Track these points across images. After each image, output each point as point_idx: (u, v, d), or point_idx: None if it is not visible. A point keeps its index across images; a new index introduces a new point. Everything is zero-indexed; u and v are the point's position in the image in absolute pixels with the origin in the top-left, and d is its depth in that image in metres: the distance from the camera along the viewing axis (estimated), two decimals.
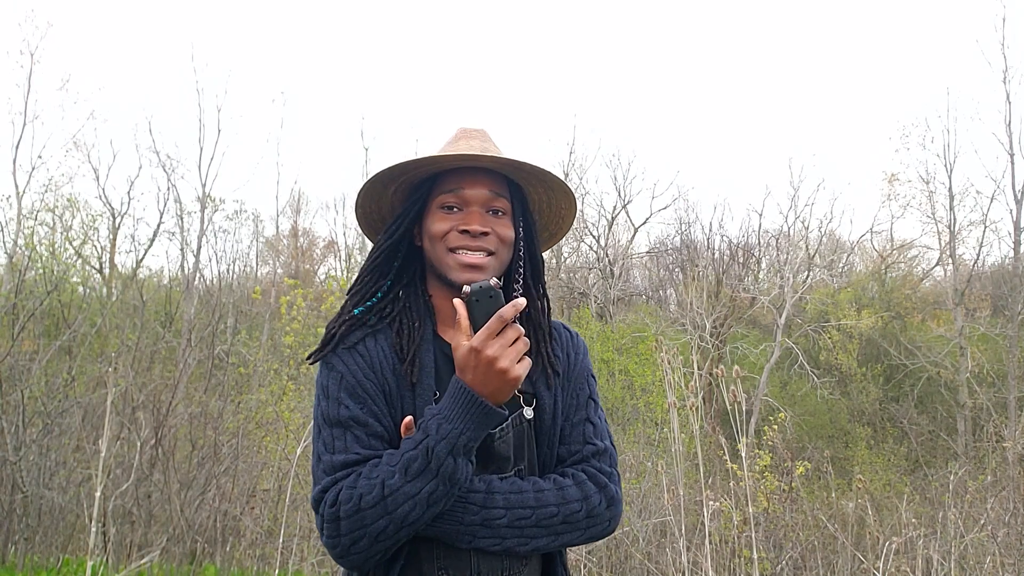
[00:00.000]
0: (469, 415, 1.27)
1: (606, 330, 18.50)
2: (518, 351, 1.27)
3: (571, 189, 1.52)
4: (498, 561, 1.37)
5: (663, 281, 26.79)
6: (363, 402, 1.35)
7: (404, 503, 1.25)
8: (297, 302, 11.60)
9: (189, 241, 20.73)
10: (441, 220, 1.42)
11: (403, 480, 1.26)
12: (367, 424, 1.34)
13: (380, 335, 1.41)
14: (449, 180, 1.43)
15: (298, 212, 28.11)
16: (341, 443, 1.33)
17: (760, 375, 19.75)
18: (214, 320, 9.54)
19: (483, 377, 1.26)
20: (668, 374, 3.84)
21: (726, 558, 5.27)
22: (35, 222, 18.14)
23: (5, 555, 6.06)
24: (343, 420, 1.34)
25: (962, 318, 19.90)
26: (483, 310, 1.27)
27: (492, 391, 1.27)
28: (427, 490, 1.26)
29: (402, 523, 1.26)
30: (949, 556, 5.43)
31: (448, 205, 1.43)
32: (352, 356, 1.38)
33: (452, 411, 1.27)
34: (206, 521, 6.32)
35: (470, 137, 1.48)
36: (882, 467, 15.48)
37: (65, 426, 6.85)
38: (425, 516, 1.28)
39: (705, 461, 9.98)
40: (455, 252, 1.40)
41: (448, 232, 1.41)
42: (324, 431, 1.35)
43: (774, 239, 23.49)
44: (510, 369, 1.25)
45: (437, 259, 1.43)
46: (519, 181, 1.50)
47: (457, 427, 1.26)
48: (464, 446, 1.27)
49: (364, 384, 1.36)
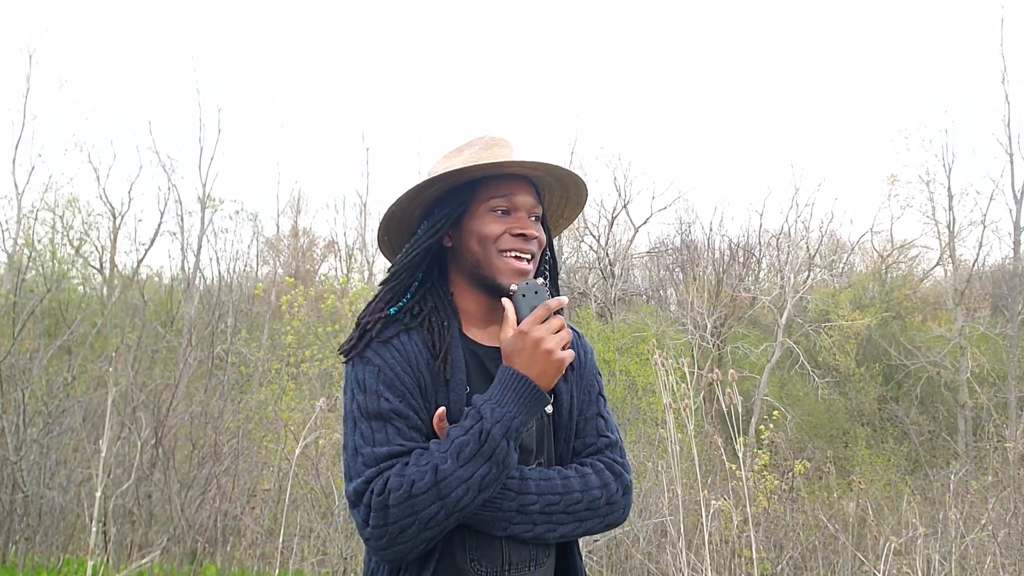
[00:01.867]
0: (521, 398, 1.31)
1: (606, 330, 18.48)
2: (562, 338, 1.34)
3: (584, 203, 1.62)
4: (527, 551, 1.42)
5: (663, 281, 26.79)
6: (402, 395, 1.37)
7: (458, 487, 1.28)
8: (298, 300, 11.61)
9: (189, 241, 20.76)
10: (493, 222, 1.46)
11: (456, 465, 1.27)
12: (408, 417, 1.35)
13: (413, 331, 1.44)
14: (499, 186, 1.48)
15: (298, 212, 28.14)
16: (382, 435, 1.34)
17: (761, 375, 19.74)
18: (214, 320, 9.54)
19: (529, 359, 1.32)
20: (662, 375, 3.84)
21: (726, 558, 5.27)
22: (34, 220, 18.16)
23: (6, 555, 6.06)
24: (384, 412, 1.35)
25: (962, 318, 19.90)
26: (529, 304, 1.36)
27: (538, 372, 1.32)
28: (480, 473, 1.28)
29: (454, 508, 1.28)
30: (950, 556, 5.43)
31: (501, 209, 1.47)
32: (388, 350, 1.40)
33: (504, 395, 1.32)
34: (206, 521, 6.32)
35: (503, 145, 1.53)
36: (882, 467, 15.47)
37: (65, 426, 6.85)
38: (476, 501, 1.30)
39: (705, 461, 9.99)
40: (505, 254, 1.45)
41: (502, 234, 1.45)
42: (362, 424, 1.35)
43: (775, 239, 23.49)
44: (555, 351, 1.32)
45: (486, 260, 1.46)
46: (543, 189, 1.57)
47: (511, 410, 1.30)
48: (516, 429, 1.31)
49: (402, 377, 1.38)
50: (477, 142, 1.55)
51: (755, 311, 22.58)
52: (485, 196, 1.48)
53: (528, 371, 1.32)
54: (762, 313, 22.78)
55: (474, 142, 1.55)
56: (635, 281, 26.95)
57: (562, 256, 24.52)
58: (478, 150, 1.52)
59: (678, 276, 25.33)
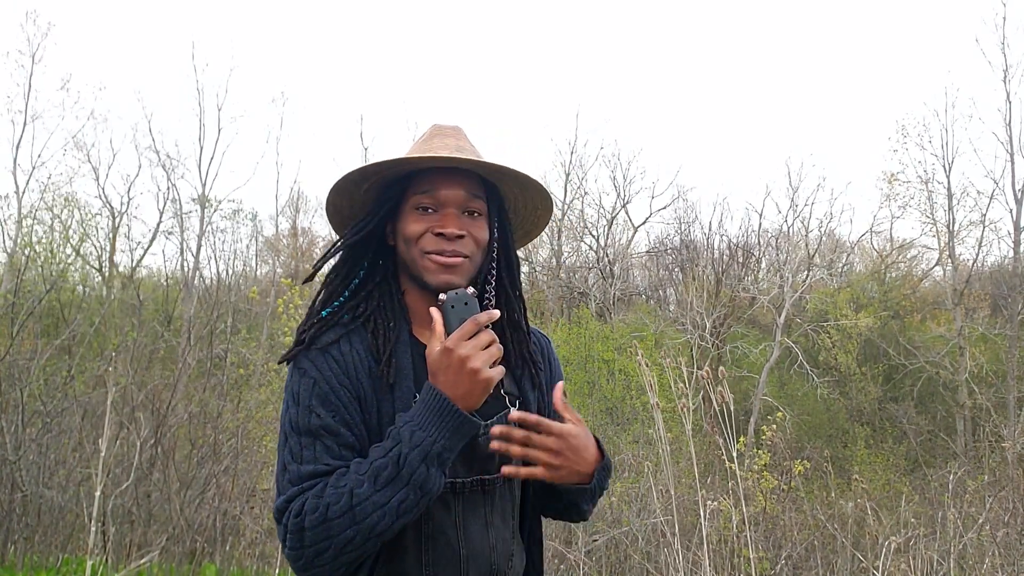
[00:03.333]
0: (443, 422, 1.23)
1: (606, 330, 18.49)
2: (491, 355, 1.25)
3: (547, 190, 1.47)
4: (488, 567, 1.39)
5: (663, 281, 26.80)
6: (336, 410, 1.29)
7: (373, 512, 1.20)
8: (295, 301, 11.60)
9: (188, 241, 20.76)
10: (416, 221, 1.37)
11: (372, 489, 1.21)
12: (338, 434, 1.28)
13: (355, 336, 1.35)
14: (424, 180, 1.39)
15: (297, 212, 28.13)
16: (310, 452, 1.27)
17: (760, 375, 19.76)
18: (212, 319, 9.54)
19: (455, 378, 1.23)
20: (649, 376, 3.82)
21: (725, 558, 5.27)
22: (33, 220, 18.16)
23: (5, 555, 6.05)
24: (313, 429, 1.27)
25: (961, 318, 19.92)
26: (458, 317, 1.26)
27: (464, 393, 1.24)
28: (397, 499, 1.21)
29: (370, 533, 1.21)
30: (948, 556, 5.43)
31: (423, 206, 1.38)
32: (326, 360, 1.31)
33: (425, 418, 1.23)
34: (206, 520, 6.32)
35: (444, 135, 1.44)
36: (881, 467, 15.48)
37: (64, 425, 6.86)
38: (395, 526, 1.23)
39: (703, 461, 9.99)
40: (428, 256, 1.35)
41: (423, 234, 1.36)
42: (292, 439, 1.28)
43: (774, 239, 23.52)
44: (481, 370, 1.23)
45: (411, 261, 1.38)
46: (495, 181, 1.46)
47: (431, 435, 1.23)
48: (439, 455, 1.23)
49: (338, 391, 1.30)
50: (426, 133, 1.47)
51: (754, 311, 22.59)
52: (411, 192, 1.39)
53: (453, 391, 1.24)
54: (761, 313, 22.80)
55: (425, 133, 1.48)
56: (634, 281, 26.96)
57: (562, 256, 24.51)
58: (419, 142, 1.45)
59: (677, 276, 25.34)
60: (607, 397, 14.79)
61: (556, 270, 23.81)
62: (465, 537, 1.36)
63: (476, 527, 1.38)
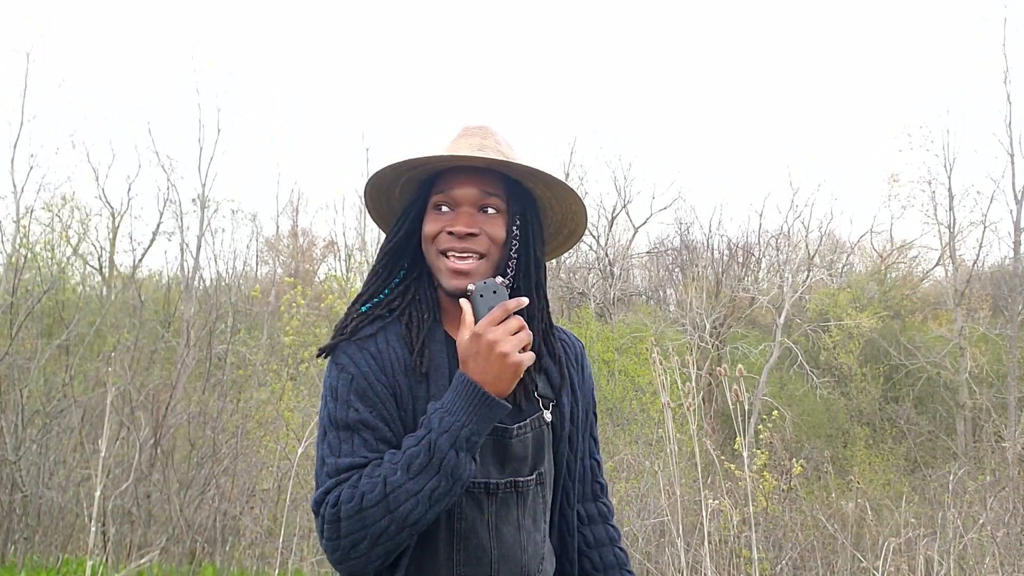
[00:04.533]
0: (471, 406, 1.24)
1: (606, 330, 18.50)
2: (520, 340, 1.25)
3: (568, 184, 1.45)
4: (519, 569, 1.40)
5: (663, 281, 26.80)
6: (373, 405, 1.31)
7: (406, 500, 1.22)
8: (297, 300, 11.60)
9: (188, 241, 20.76)
10: (433, 221, 1.39)
11: (406, 477, 1.22)
12: (376, 428, 1.30)
13: (391, 330, 1.38)
14: (441, 180, 1.40)
15: (298, 212, 28.15)
16: (348, 446, 1.29)
17: (759, 375, 19.76)
18: (212, 320, 9.54)
19: (484, 363, 1.24)
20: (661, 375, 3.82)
21: (725, 558, 5.27)
22: (31, 219, 18.15)
23: (5, 555, 6.05)
24: (352, 423, 1.30)
25: (962, 318, 19.91)
26: (487, 305, 1.27)
27: (493, 378, 1.24)
28: (429, 486, 1.22)
29: (404, 522, 1.22)
30: (948, 556, 5.43)
31: (439, 205, 1.40)
32: (364, 356, 1.34)
33: (454, 404, 1.25)
34: (206, 521, 6.32)
35: (470, 135, 1.44)
36: (881, 467, 15.48)
37: (64, 425, 6.86)
38: (428, 515, 1.24)
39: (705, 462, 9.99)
40: (445, 256, 1.36)
41: (438, 233, 1.38)
42: (331, 434, 1.31)
43: (774, 239, 23.52)
44: (511, 354, 1.24)
45: (430, 262, 1.41)
46: (519, 179, 1.44)
47: (460, 419, 1.24)
48: (467, 439, 1.24)
49: (375, 387, 1.32)
50: (458, 134, 1.47)
51: (754, 311, 22.60)
52: (432, 192, 1.41)
53: (482, 376, 1.25)
54: (761, 313, 22.80)
55: (458, 134, 1.47)
56: (635, 281, 26.97)
57: (562, 257, 24.52)
58: (449, 143, 1.46)
59: (677, 276, 25.34)
60: (607, 397, 14.78)
61: (556, 270, 23.81)
62: (497, 538, 1.37)
63: (508, 529, 1.38)
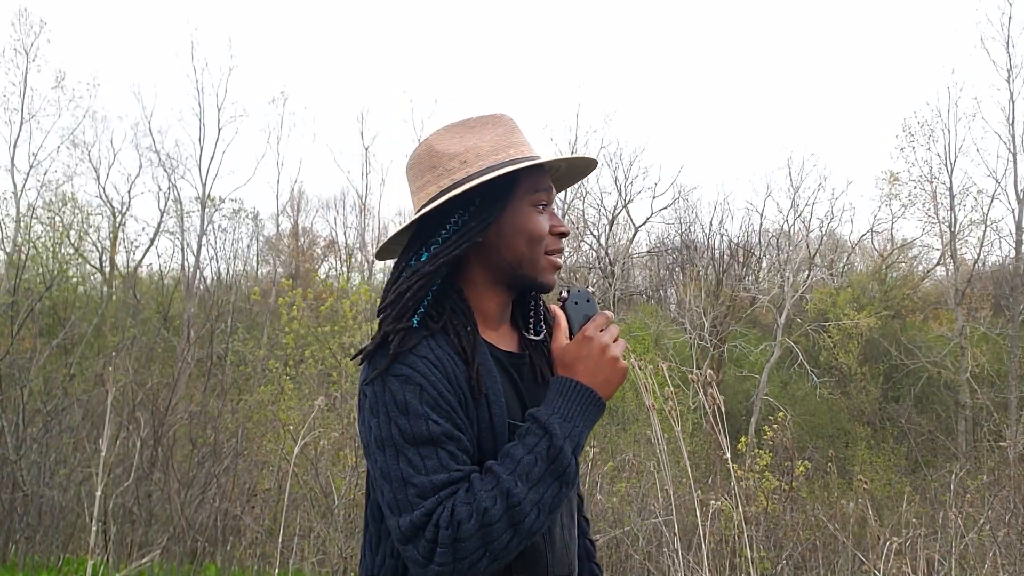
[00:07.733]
0: (586, 410, 1.24)
1: None
2: (622, 346, 1.28)
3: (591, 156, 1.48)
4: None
5: (663, 280, 26.80)
6: (448, 415, 1.22)
7: (531, 511, 1.16)
8: (296, 302, 11.61)
9: (189, 240, 20.76)
10: (540, 220, 1.33)
11: (527, 487, 1.16)
12: (458, 439, 1.22)
13: (439, 338, 1.28)
14: (538, 179, 1.34)
15: (298, 211, 28.16)
16: (434, 462, 1.18)
17: (760, 375, 19.75)
18: (212, 319, 9.54)
19: (595, 366, 1.25)
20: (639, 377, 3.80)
21: (726, 558, 5.27)
22: (32, 218, 18.16)
23: (6, 554, 6.05)
24: (434, 437, 1.19)
25: (963, 318, 19.90)
26: (581, 313, 1.33)
27: (603, 380, 1.25)
28: (550, 495, 1.18)
29: (527, 534, 1.17)
30: (949, 556, 5.43)
31: (543, 203, 1.34)
32: (426, 365, 1.23)
33: (569, 408, 1.23)
34: (206, 520, 6.32)
35: (512, 130, 1.40)
36: (882, 467, 15.48)
37: (65, 424, 6.86)
38: (546, 525, 1.19)
39: (704, 461, 9.98)
40: (551, 255, 1.34)
41: (547, 233, 1.34)
42: (409, 452, 1.19)
43: (774, 238, 23.51)
44: (620, 358, 1.26)
45: (531, 260, 1.32)
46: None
47: (578, 425, 1.22)
48: (581, 445, 1.23)
49: (445, 396, 1.23)
50: (490, 121, 1.39)
51: (754, 311, 22.59)
52: (530, 189, 1.33)
53: (592, 380, 1.25)
54: (761, 313, 22.79)
55: (486, 120, 1.39)
56: (635, 280, 26.96)
57: (562, 256, 24.51)
58: (503, 133, 1.37)
59: (678, 276, 25.33)
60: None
61: None
62: (549, 536, 1.34)
63: (556, 528, 1.36)
